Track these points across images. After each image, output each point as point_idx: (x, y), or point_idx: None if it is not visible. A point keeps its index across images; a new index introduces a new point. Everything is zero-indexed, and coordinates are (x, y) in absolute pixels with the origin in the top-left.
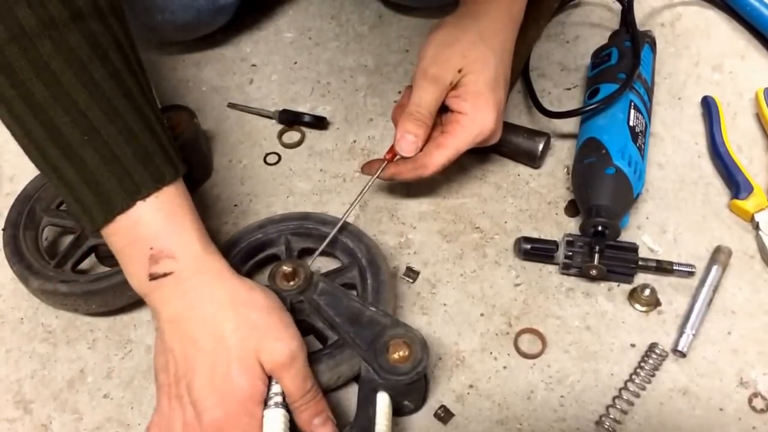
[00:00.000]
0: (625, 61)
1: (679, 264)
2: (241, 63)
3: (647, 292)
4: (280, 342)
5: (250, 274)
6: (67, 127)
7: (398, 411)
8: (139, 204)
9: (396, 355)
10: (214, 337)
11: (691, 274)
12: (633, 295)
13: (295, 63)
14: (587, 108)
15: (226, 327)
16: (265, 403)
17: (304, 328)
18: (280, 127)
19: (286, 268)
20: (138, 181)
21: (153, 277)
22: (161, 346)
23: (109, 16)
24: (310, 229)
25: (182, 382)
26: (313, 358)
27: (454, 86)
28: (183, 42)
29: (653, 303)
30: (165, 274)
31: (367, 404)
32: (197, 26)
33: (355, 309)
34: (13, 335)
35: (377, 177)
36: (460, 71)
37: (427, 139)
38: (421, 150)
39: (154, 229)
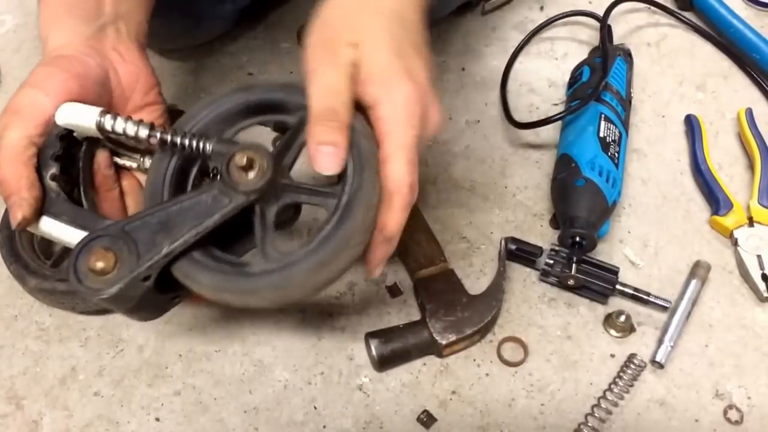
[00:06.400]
0: (594, 76)
1: (656, 297)
2: (238, 71)
3: (622, 318)
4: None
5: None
6: None
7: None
8: None
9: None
10: None
11: (665, 308)
12: (608, 321)
13: (291, 72)
14: (551, 119)
15: None
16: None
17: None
18: (274, 134)
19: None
20: None
21: None
22: None
23: None
24: None
25: None
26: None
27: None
28: (182, 49)
29: (628, 329)
30: None
31: None
32: (196, 34)
33: None
34: (7, 332)
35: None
36: (355, 46)
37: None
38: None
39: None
